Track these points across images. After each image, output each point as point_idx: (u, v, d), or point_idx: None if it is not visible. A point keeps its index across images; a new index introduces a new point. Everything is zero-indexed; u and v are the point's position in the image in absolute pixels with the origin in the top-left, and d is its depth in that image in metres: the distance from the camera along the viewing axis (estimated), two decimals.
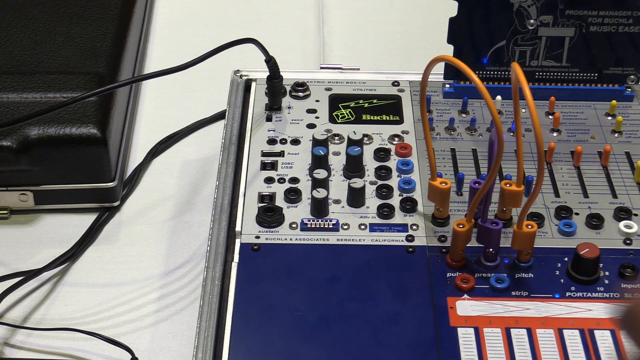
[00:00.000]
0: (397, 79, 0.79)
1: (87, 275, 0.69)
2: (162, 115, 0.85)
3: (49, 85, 0.75)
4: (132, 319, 0.66)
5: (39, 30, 0.82)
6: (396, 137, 0.73)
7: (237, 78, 0.80)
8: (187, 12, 0.99)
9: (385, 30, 0.96)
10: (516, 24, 0.73)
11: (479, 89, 0.60)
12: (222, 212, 0.66)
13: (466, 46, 0.74)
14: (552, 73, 0.76)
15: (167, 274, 0.70)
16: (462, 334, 0.57)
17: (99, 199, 0.74)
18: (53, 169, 0.72)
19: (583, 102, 0.76)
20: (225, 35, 0.77)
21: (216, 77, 0.87)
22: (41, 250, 0.71)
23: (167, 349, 0.64)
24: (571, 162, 0.70)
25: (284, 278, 0.61)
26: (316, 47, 0.94)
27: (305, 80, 0.78)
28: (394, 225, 0.65)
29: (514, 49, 0.75)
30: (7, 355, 0.63)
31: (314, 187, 0.66)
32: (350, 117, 0.75)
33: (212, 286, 0.61)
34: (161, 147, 0.81)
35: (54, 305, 0.67)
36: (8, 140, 0.70)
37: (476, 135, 0.73)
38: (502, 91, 0.75)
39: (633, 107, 0.76)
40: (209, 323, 0.59)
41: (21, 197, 0.73)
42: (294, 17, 0.99)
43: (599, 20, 0.73)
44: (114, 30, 0.83)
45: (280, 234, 0.64)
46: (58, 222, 0.74)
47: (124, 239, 0.73)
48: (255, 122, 0.74)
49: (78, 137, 0.71)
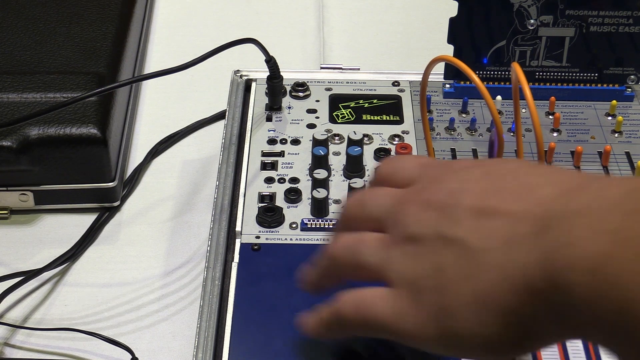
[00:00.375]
0: (397, 79, 0.79)
1: (87, 275, 0.69)
2: (162, 115, 0.85)
3: (49, 85, 0.75)
4: (132, 319, 0.66)
5: (39, 30, 0.82)
6: (396, 137, 0.73)
7: (237, 78, 0.80)
8: (187, 12, 0.99)
9: (385, 30, 0.96)
10: (516, 24, 0.73)
11: (479, 89, 0.60)
12: (222, 212, 0.66)
13: (466, 46, 0.74)
14: (552, 73, 0.76)
15: (167, 274, 0.70)
16: None
17: (99, 199, 0.74)
18: (53, 169, 0.72)
19: (583, 102, 0.76)
20: (225, 35, 0.77)
21: (216, 77, 0.86)
22: (41, 250, 0.71)
23: (167, 349, 0.64)
24: (571, 162, 0.70)
25: (284, 278, 0.61)
26: (316, 47, 0.94)
27: (305, 80, 0.78)
28: None
29: (514, 49, 0.75)
30: (7, 355, 0.63)
31: (314, 187, 0.66)
32: (351, 117, 0.75)
33: (212, 286, 0.61)
34: (161, 147, 0.81)
35: (54, 305, 0.67)
36: (8, 140, 0.70)
37: (476, 135, 0.73)
38: (502, 91, 0.75)
39: (633, 107, 0.76)
40: (209, 323, 0.59)
41: (21, 197, 0.73)
42: (294, 17, 0.99)
43: (599, 20, 0.73)
44: (114, 30, 0.83)
45: (281, 234, 0.64)
46: (58, 222, 0.74)
47: (124, 239, 0.73)
48: (255, 122, 0.74)
49: (78, 137, 0.71)
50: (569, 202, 0.40)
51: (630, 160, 0.71)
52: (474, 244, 0.43)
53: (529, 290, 0.40)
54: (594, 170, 0.70)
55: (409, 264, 0.45)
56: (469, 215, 0.44)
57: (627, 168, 0.70)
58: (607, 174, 0.69)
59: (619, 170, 0.70)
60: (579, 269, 0.38)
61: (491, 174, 0.45)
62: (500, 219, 0.43)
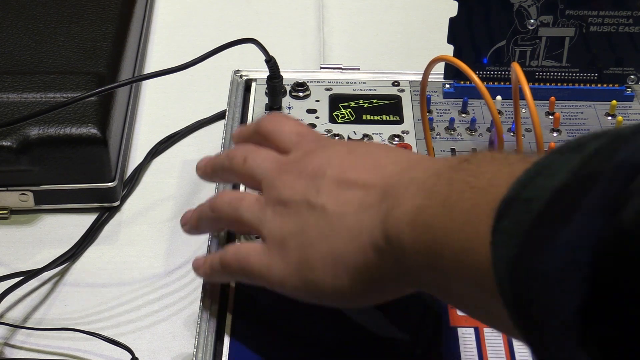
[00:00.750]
0: (397, 79, 0.79)
1: (87, 275, 0.69)
2: (162, 115, 0.85)
3: (49, 85, 0.75)
4: (132, 319, 0.66)
5: (39, 30, 0.82)
6: (396, 137, 0.73)
7: (237, 78, 0.80)
8: (187, 12, 0.99)
9: (385, 30, 0.96)
10: (516, 24, 0.73)
11: (479, 89, 0.60)
12: None
13: (466, 46, 0.74)
14: (552, 73, 0.76)
15: (167, 274, 0.70)
16: (462, 333, 0.57)
17: (99, 199, 0.74)
18: (53, 169, 0.72)
19: (583, 102, 0.76)
20: (225, 35, 0.77)
21: (216, 77, 0.86)
22: (41, 250, 0.71)
23: (167, 349, 0.64)
24: None
25: None
26: (316, 47, 0.94)
27: (305, 80, 0.78)
28: None
29: (514, 49, 0.75)
30: (7, 355, 0.63)
31: None
32: (350, 117, 0.75)
33: (212, 286, 0.61)
34: (161, 147, 0.81)
35: (54, 305, 0.67)
36: (8, 140, 0.70)
37: (476, 135, 0.73)
38: (502, 91, 0.75)
39: (633, 107, 0.76)
40: (209, 323, 0.59)
41: (21, 197, 0.73)
42: (294, 17, 0.99)
43: (599, 20, 0.73)
44: (114, 30, 0.83)
45: None
46: (58, 222, 0.74)
47: (124, 239, 0.73)
48: None
49: (78, 137, 0.71)
50: (405, 175, 0.48)
51: None
52: (332, 209, 0.50)
53: (374, 249, 0.47)
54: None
55: (278, 223, 0.53)
56: (331, 185, 0.51)
57: None
58: None
59: None
60: (403, 223, 0.45)
61: (352, 152, 0.53)
62: (356, 190, 0.50)
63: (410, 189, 0.46)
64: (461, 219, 0.41)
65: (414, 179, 0.47)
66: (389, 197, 0.47)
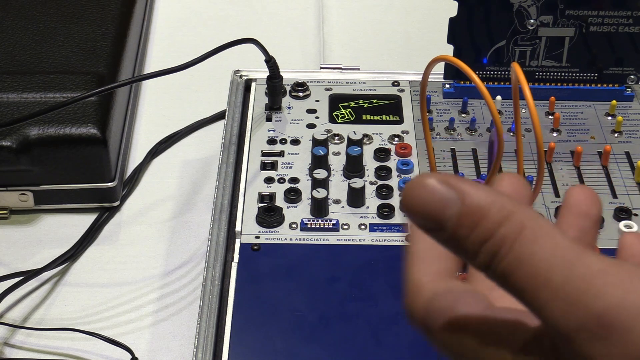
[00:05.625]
0: (397, 79, 0.79)
1: (87, 275, 0.69)
2: (162, 115, 0.85)
3: (49, 85, 0.75)
4: (132, 319, 0.66)
5: (39, 30, 0.82)
6: (396, 137, 0.73)
7: (237, 78, 0.80)
8: (187, 12, 0.99)
9: (385, 30, 0.96)
10: (516, 24, 0.73)
11: (479, 89, 0.60)
12: (222, 212, 0.66)
13: (466, 46, 0.74)
14: (552, 73, 0.76)
15: (167, 274, 0.70)
16: None
17: (99, 199, 0.74)
18: (53, 169, 0.72)
19: (583, 102, 0.76)
20: (225, 35, 0.77)
21: (216, 77, 0.86)
22: (41, 250, 0.71)
23: (167, 349, 0.64)
24: (571, 162, 0.70)
25: (284, 278, 0.61)
26: (316, 47, 0.94)
27: (305, 80, 0.78)
28: (394, 225, 0.65)
29: (514, 49, 0.75)
30: (7, 355, 0.63)
31: (314, 187, 0.66)
32: (350, 117, 0.75)
33: (212, 286, 0.61)
34: (161, 147, 0.81)
35: (54, 305, 0.67)
36: (8, 140, 0.70)
37: (476, 135, 0.73)
38: (502, 91, 0.75)
39: (633, 107, 0.76)
40: (209, 323, 0.59)
41: (21, 197, 0.73)
42: (294, 17, 0.99)
43: (599, 20, 0.73)
44: (114, 30, 0.83)
45: (280, 234, 0.64)
46: (58, 222, 0.74)
47: (124, 239, 0.73)
48: (255, 122, 0.74)
49: (78, 137, 0.71)
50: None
51: (630, 160, 0.71)
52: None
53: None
54: (594, 169, 0.70)
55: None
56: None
57: (626, 168, 0.70)
58: (607, 173, 0.69)
59: (618, 170, 0.70)
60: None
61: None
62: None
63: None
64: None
65: None
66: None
